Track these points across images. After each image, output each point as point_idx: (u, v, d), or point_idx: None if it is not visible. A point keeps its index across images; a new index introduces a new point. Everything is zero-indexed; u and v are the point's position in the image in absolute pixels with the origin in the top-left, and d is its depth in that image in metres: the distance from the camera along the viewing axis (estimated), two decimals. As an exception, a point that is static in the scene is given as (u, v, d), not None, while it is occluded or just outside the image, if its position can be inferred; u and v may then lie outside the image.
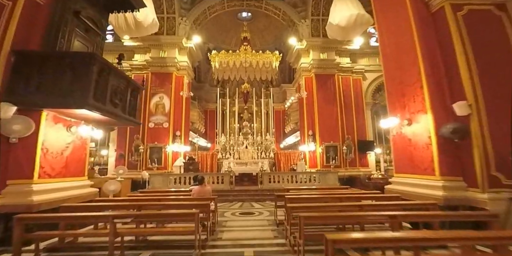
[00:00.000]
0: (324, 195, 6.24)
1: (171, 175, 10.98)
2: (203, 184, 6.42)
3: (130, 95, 7.29)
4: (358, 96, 15.31)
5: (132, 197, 6.88)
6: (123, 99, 6.88)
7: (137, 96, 7.72)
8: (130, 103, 7.26)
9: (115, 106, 6.53)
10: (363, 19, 12.25)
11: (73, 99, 5.28)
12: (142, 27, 12.29)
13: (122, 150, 14.02)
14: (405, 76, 6.92)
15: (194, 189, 6.39)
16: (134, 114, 7.51)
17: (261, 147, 14.91)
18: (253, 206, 9.44)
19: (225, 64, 14.53)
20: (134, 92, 7.51)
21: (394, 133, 7.34)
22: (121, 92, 6.80)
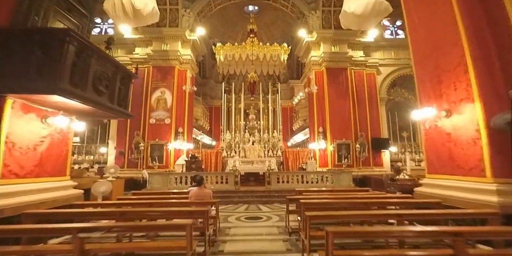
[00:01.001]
0: (345, 200, 5.08)
1: (171, 174, 9.94)
2: (201, 186, 5.34)
3: (120, 83, 6.22)
4: (372, 91, 14.08)
5: (121, 200, 5.84)
6: (110, 87, 5.81)
7: (128, 85, 6.64)
8: (119, 92, 6.19)
9: (100, 94, 5.47)
10: (381, 6, 10.99)
11: (42, 83, 4.23)
12: (141, 16, 11.24)
13: (122, 147, 13.07)
14: (442, 60, 5.74)
15: (191, 192, 5.31)
16: (125, 105, 6.44)
17: (268, 145, 13.78)
18: (260, 209, 8.32)
19: (231, 57, 13.44)
20: (124, 80, 6.43)
21: (426, 127, 6.16)
22: (108, 79, 5.73)
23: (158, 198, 5.96)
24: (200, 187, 5.32)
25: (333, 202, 4.97)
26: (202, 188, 5.33)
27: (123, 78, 6.36)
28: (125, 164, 12.87)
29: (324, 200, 5.08)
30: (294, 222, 5.90)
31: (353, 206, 4.87)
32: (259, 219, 6.99)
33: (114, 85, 5.99)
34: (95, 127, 13.62)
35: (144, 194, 6.67)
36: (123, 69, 6.32)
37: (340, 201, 4.93)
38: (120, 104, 6.24)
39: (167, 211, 4.19)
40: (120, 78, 6.21)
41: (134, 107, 13.54)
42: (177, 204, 5.19)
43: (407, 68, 14.37)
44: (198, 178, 5.35)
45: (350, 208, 4.81)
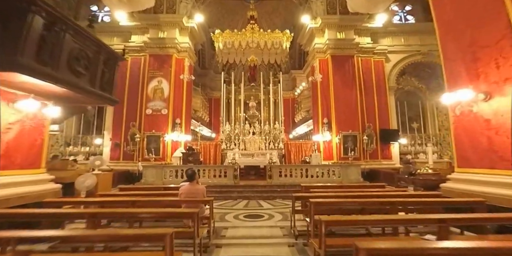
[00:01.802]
0: (363, 199, 4.21)
1: (167, 167, 9.12)
2: (194, 181, 4.48)
3: (103, 65, 5.33)
4: (380, 80, 13.05)
5: (103, 196, 5.01)
6: (91, 68, 4.91)
7: (114, 68, 5.72)
8: (103, 75, 5.30)
9: (78, 75, 4.58)
10: (392, -14, 9.94)
11: (0, 57, 3.36)
12: None
13: (118, 138, 12.25)
14: (478, 35, 4.77)
15: (181, 188, 4.46)
16: (110, 89, 5.55)
17: (269, 137, 12.88)
18: (261, 206, 7.50)
19: (230, 45, 12.45)
20: (109, 62, 5.51)
21: (457, 113, 5.23)
22: (89, 59, 4.84)
23: (145, 194, 5.13)
24: (192, 182, 4.47)
25: (349, 201, 4.10)
26: (194, 184, 4.48)
27: (108, 60, 5.44)
28: (120, 156, 12.09)
29: (338, 200, 4.20)
30: (300, 222, 5.08)
31: (374, 206, 4.01)
32: (260, 218, 6.17)
33: (96, 67, 5.10)
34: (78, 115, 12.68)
35: (132, 190, 5.85)
36: (107, 50, 5.38)
37: (358, 201, 4.06)
38: (104, 88, 5.34)
39: (148, 213, 3.34)
40: (103, 59, 5.30)
41: (130, 97, 12.76)
42: (164, 203, 4.36)
43: (417, 55, 13.34)
44: (190, 173, 4.49)
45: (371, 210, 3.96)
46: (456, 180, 5.22)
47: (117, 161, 12.04)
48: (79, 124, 13.80)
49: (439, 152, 13.41)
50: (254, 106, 13.89)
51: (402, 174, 7.00)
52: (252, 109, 13.67)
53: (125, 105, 12.40)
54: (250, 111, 13.66)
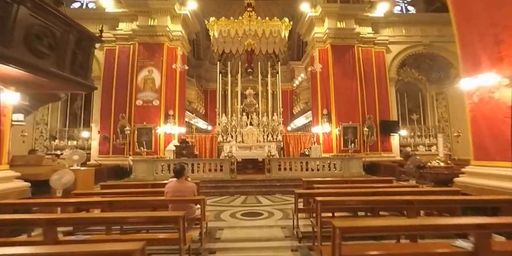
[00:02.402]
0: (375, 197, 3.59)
1: (158, 161, 8.40)
2: (182, 178, 3.79)
3: (75, 46, 4.52)
4: (380, 70, 12.40)
5: (78, 196, 4.30)
6: (58, 49, 4.12)
7: (89, 50, 4.92)
8: (75, 58, 4.50)
9: (41, 56, 3.78)
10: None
11: None
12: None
13: (107, 131, 11.43)
14: (501, 15, 4.14)
15: (167, 186, 3.77)
16: (85, 74, 4.77)
17: (267, 129, 12.20)
18: (260, 202, 6.87)
19: (226, 33, 11.60)
20: (83, 43, 4.70)
21: (474, 100, 4.62)
22: (54, 38, 4.03)
23: (128, 193, 4.43)
24: (179, 179, 3.78)
25: (361, 200, 3.46)
26: (182, 180, 3.79)
27: (81, 41, 4.61)
28: (110, 150, 11.31)
29: (348, 198, 3.56)
30: (302, 220, 4.46)
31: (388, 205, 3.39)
32: (259, 216, 5.53)
33: (65, 48, 4.28)
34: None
35: (114, 187, 5.14)
36: (79, 30, 4.55)
37: (371, 199, 3.43)
38: (77, 72, 4.54)
39: (121, 218, 2.65)
40: (75, 40, 4.47)
41: (118, 88, 11.87)
42: (148, 204, 3.67)
43: (419, 46, 12.69)
44: (178, 168, 3.80)
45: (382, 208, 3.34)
46: (473, 174, 4.64)
47: (107, 156, 11.27)
48: (65, 116, 12.91)
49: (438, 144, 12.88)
50: (251, 93, 13.06)
51: (409, 167, 6.37)
52: (250, 97, 12.84)
53: (114, 96, 11.56)
54: (247, 99, 12.83)
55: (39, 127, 12.61)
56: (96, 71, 12.18)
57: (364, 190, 4.06)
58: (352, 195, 3.89)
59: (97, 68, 12.17)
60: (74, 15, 11.70)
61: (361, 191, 4.03)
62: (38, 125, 12.61)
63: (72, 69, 4.44)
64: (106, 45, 12.21)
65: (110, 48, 12.20)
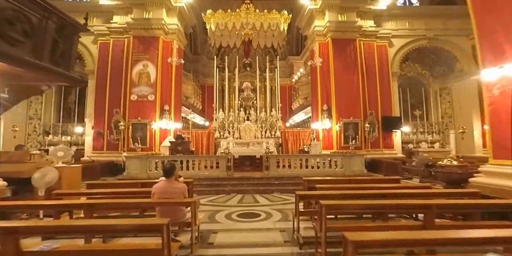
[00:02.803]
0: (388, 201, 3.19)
1: (152, 158, 7.98)
2: (171, 178, 3.38)
3: (56, 34, 4.05)
4: (383, 65, 11.94)
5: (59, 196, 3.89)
6: (35, 36, 3.63)
7: (72, 39, 4.43)
8: (55, 47, 4.04)
9: (13, 43, 3.33)
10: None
11: None
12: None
13: (101, 127, 10.99)
14: None
15: (154, 187, 3.35)
16: (67, 65, 4.30)
17: (265, 125, 11.77)
18: (258, 202, 6.48)
19: (223, 26, 11.10)
20: (65, 31, 4.21)
21: (495, 93, 4.19)
22: (30, 24, 3.56)
23: (114, 193, 4.01)
24: (169, 179, 3.36)
25: (372, 204, 3.06)
26: (172, 181, 3.38)
27: (62, 28, 4.10)
28: (104, 146, 10.89)
29: (357, 202, 3.16)
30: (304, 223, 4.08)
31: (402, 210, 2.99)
32: (256, 217, 5.15)
33: (43, 35, 3.79)
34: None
35: (100, 187, 4.72)
36: (60, 16, 4.05)
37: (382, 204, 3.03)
38: (57, 62, 4.07)
39: (96, 227, 2.24)
40: (56, 27, 3.98)
41: (112, 82, 11.36)
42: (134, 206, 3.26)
43: (422, 40, 12.20)
44: (168, 167, 3.38)
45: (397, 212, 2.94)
46: (491, 174, 4.25)
47: (101, 152, 10.86)
48: (59, 111, 12.45)
49: (441, 141, 12.55)
50: (248, 87, 12.56)
51: (417, 165, 5.97)
52: (247, 91, 12.34)
53: (108, 91, 11.10)
54: (244, 93, 12.31)
55: (32, 122, 12.15)
56: (90, 65, 11.74)
57: (372, 192, 3.67)
58: (359, 197, 3.49)
59: (91, 62, 11.71)
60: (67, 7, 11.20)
61: (369, 193, 3.63)
62: (31, 120, 12.15)
63: (52, 59, 3.96)
64: (100, 38, 11.72)
65: (104, 42, 11.69)
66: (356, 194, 3.58)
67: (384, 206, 2.99)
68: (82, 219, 2.72)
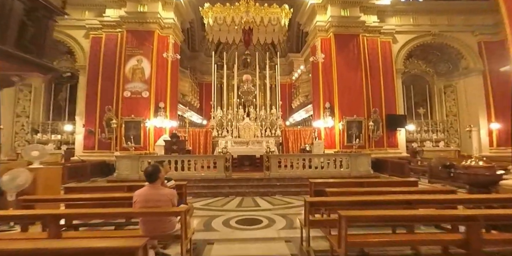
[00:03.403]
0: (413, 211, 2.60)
1: (144, 157, 7.33)
2: (156, 183, 2.74)
3: (26, 17, 3.39)
4: (387, 61, 11.39)
5: (26, 203, 3.25)
6: None
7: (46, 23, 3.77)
8: (23, 31, 3.39)
9: None
10: None
11: None
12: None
13: (92, 125, 10.33)
14: None
15: (137, 194, 2.71)
16: (39, 52, 3.65)
17: (265, 123, 11.16)
18: (258, 205, 5.88)
19: (221, 20, 10.46)
20: (37, 13, 3.56)
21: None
22: None
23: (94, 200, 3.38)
24: (153, 184, 2.73)
25: (401, 215, 2.46)
26: (156, 186, 2.75)
27: (34, 11, 3.45)
28: (95, 145, 10.23)
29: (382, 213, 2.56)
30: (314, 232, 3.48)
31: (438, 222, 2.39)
32: (257, 224, 4.54)
33: (5, 16, 3.19)
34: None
35: (81, 191, 4.09)
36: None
37: (417, 215, 2.44)
38: (26, 48, 3.44)
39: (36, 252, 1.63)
40: (25, 8, 3.35)
41: (105, 78, 10.66)
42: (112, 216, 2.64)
43: (427, 36, 11.67)
44: (150, 170, 2.74)
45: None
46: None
47: (92, 151, 10.21)
48: (49, 108, 11.75)
49: (445, 140, 12.02)
50: (248, 80, 11.84)
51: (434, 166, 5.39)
52: (247, 84, 11.62)
53: (100, 87, 10.45)
54: (244, 86, 11.60)
55: (20, 120, 11.44)
56: (81, 61, 11.07)
57: (394, 198, 3.07)
58: (380, 205, 2.89)
59: (82, 57, 11.03)
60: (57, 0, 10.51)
61: (391, 199, 3.03)
62: (19, 118, 11.44)
63: (20, 44, 3.30)
64: (92, 32, 11.06)
65: (96, 36, 11.03)
66: (376, 201, 2.99)
67: (417, 217, 2.40)
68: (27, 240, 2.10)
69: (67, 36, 10.97)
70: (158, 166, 2.79)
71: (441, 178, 7.01)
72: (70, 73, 11.82)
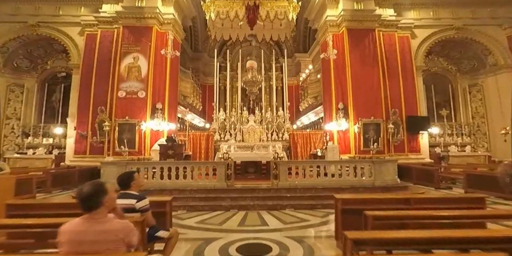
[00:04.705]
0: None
1: (132, 164, 6.23)
2: (97, 211, 1.58)
3: None
4: (405, 58, 10.23)
5: None
6: None
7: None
8: None
9: None
10: None
11: None
12: None
13: (84, 128, 9.34)
14: None
15: (63, 230, 1.57)
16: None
17: (272, 126, 10.01)
18: (265, 223, 4.68)
19: (224, 15, 9.46)
20: None
21: None
22: None
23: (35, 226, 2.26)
24: (92, 214, 1.57)
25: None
26: (98, 216, 1.58)
27: None
28: (87, 150, 9.21)
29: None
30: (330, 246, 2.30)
31: None
32: (265, 253, 3.35)
33: None
34: None
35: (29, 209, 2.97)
36: None
37: None
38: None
39: None
40: None
41: (98, 77, 9.56)
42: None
43: (449, 31, 10.49)
44: (86, 192, 1.57)
45: None
46: None
47: (83, 156, 9.21)
48: (41, 110, 10.84)
49: (472, 144, 10.65)
50: (254, 67, 10.54)
51: (502, 177, 4.14)
52: (252, 72, 10.35)
53: (93, 87, 9.51)
54: (249, 75, 10.34)
55: (10, 122, 10.55)
56: (75, 59, 10.19)
57: (487, 235, 1.85)
58: (468, 243, 1.69)
59: (76, 55, 10.16)
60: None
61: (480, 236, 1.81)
62: (9, 120, 10.55)
63: None
64: (87, 29, 10.21)
65: (92, 33, 10.17)
66: (464, 239, 1.78)
67: None
68: None
69: (61, 33, 10.14)
70: (102, 184, 1.64)
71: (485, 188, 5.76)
72: (65, 73, 10.97)
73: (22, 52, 10.62)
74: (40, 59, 11.11)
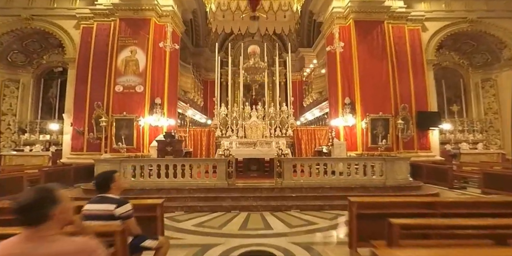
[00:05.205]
0: None
1: (126, 161, 5.81)
2: (42, 227, 1.11)
3: None
4: (415, 52, 9.69)
5: None
6: None
7: None
8: None
9: None
10: None
11: None
12: None
13: (81, 124, 8.97)
14: None
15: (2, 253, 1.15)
16: None
17: (275, 122, 9.54)
18: (269, 226, 4.26)
19: (225, 6, 8.96)
20: None
21: None
22: None
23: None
24: (31, 231, 1.10)
25: None
26: (43, 235, 1.12)
27: None
28: (84, 147, 8.84)
29: None
30: None
31: None
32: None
33: None
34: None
35: None
36: None
37: None
38: None
39: None
40: None
41: (95, 71, 9.07)
42: None
43: (462, 23, 9.91)
44: (28, 201, 1.07)
45: None
46: None
47: (80, 153, 8.85)
48: (37, 106, 10.47)
49: (485, 142, 10.12)
50: (257, 52, 9.99)
51: None
52: (254, 57, 9.78)
53: (90, 82, 9.12)
54: (250, 61, 9.78)
55: (6, 118, 10.21)
56: (71, 53, 9.77)
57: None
58: None
59: (72, 49, 9.74)
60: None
61: None
62: (5, 116, 10.21)
63: None
64: (83, 22, 9.78)
65: (88, 26, 9.74)
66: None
67: None
68: None
69: (56, 26, 9.71)
70: (50, 190, 1.20)
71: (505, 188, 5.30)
72: (61, 68, 10.57)
73: (16, 46, 10.23)
74: (36, 54, 10.71)
